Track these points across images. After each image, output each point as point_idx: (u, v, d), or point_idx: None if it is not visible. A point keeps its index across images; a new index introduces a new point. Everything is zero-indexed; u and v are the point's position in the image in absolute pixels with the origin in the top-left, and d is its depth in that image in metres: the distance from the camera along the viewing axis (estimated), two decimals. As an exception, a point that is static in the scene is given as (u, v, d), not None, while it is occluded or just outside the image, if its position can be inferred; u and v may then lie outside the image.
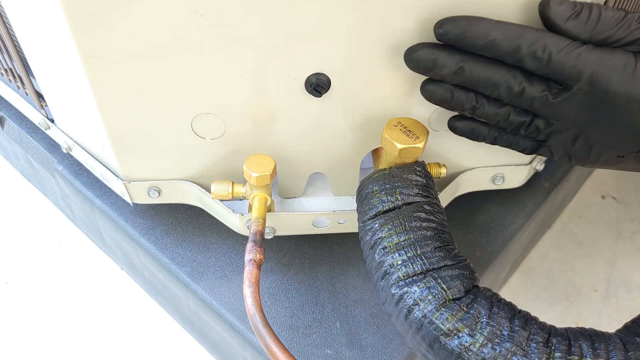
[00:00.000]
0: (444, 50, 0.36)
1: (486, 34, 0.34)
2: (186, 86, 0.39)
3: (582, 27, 0.34)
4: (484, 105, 0.38)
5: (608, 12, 0.34)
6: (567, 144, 0.39)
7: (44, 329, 0.62)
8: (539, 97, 0.36)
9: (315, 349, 0.47)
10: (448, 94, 0.38)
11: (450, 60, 0.36)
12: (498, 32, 0.34)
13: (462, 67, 0.36)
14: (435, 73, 0.37)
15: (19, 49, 0.48)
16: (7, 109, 0.65)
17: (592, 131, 0.37)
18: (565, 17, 0.34)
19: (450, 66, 0.36)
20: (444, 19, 0.35)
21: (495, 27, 0.34)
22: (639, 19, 0.34)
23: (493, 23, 0.35)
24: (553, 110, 0.37)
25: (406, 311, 0.35)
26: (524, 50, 0.34)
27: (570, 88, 0.35)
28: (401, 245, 0.37)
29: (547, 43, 0.34)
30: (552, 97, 0.36)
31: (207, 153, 0.45)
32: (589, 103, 0.36)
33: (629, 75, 0.34)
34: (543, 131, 0.39)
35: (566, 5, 0.34)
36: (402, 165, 0.41)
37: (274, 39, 0.36)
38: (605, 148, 0.38)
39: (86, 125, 0.46)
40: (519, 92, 0.36)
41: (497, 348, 0.33)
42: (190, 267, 0.52)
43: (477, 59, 0.36)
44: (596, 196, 0.77)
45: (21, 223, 0.71)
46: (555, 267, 0.69)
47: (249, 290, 0.38)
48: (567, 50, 0.34)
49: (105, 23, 0.35)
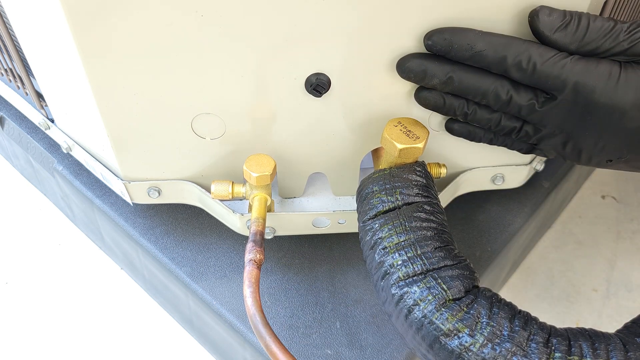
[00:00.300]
0: (434, 60, 0.37)
1: (472, 46, 0.35)
2: (186, 86, 0.39)
3: (570, 37, 0.35)
4: (476, 111, 0.39)
5: (597, 23, 0.34)
6: (558, 148, 0.40)
7: (44, 329, 0.62)
8: (525, 105, 0.37)
9: (315, 349, 0.47)
10: (440, 101, 0.39)
11: (440, 71, 0.37)
12: (484, 43, 0.35)
13: (451, 77, 0.37)
14: (426, 82, 0.38)
15: (19, 49, 0.48)
16: (7, 109, 0.65)
17: (579, 137, 0.38)
18: (554, 28, 0.34)
19: (439, 76, 0.37)
20: (432, 31, 0.36)
21: (481, 39, 0.35)
22: (628, 29, 0.34)
23: (479, 34, 0.35)
24: (540, 118, 0.38)
25: (406, 311, 0.35)
26: (509, 60, 0.35)
27: (556, 97, 0.36)
28: (401, 246, 0.37)
29: (532, 54, 0.35)
30: (538, 106, 0.37)
31: (207, 153, 0.45)
32: (575, 111, 0.37)
33: (612, 85, 0.35)
34: (533, 136, 0.40)
35: (555, 15, 0.34)
36: (402, 165, 0.41)
37: (274, 39, 0.36)
38: (594, 153, 0.39)
39: (86, 125, 0.46)
40: (506, 101, 0.37)
41: (497, 348, 0.33)
42: (190, 267, 0.52)
43: (466, 68, 0.37)
44: (596, 196, 0.77)
45: (21, 223, 0.71)
46: (555, 267, 0.69)
47: (249, 290, 0.38)
48: (552, 61, 0.35)
49: (105, 23, 0.35)
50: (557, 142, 0.39)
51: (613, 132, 0.37)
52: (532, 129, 0.39)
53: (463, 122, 0.42)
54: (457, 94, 0.38)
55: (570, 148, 0.39)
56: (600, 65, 0.35)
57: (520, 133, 0.40)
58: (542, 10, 0.35)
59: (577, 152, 0.40)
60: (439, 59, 0.37)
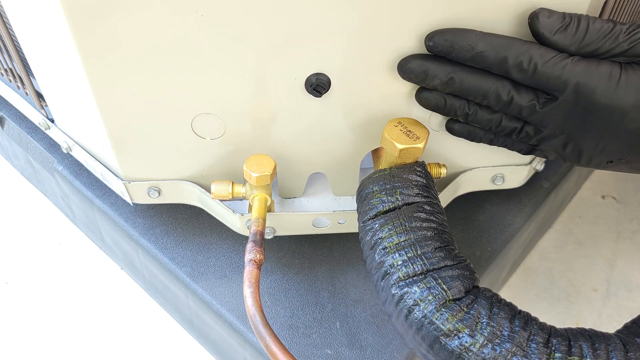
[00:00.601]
0: (435, 61, 0.37)
1: (473, 46, 0.35)
2: (186, 86, 0.39)
3: (569, 39, 0.35)
4: (477, 112, 0.39)
5: (596, 24, 0.34)
6: (558, 149, 0.40)
7: (44, 329, 0.62)
8: (526, 106, 0.37)
9: (315, 349, 0.47)
10: (441, 101, 0.39)
11: (441, 72, 0.37)
12: (485, 44, 0.35)
13: (452, 78, 0.37)
14: (427, 83, 0.38)
15: (19, 49, 0.48)
16: (7, 109, 0.65)
17: (580, 138, 0.38)
18: (554, 29, 0.35)
19: (440, 77, 0.37)
20: (434, 32, 0.36)
21: (482, 39, 0.35)
22: (627, 30, 0.34)
23: (480, 35, 0.36)
24: (541, 119, 0.38)
25: (406, 311, 0.35)
26: (510, 61, 0.35)
27: (557, 98, 0.36)
28: (401, 246, 0.37)
29: (533, 55, 0.35)
30: (539, 107, 0.37)
31: (207, 153, 0.45)
32: (575, 112, 0.37)
33: (613, 86, 0.35)
34: (533, 137, 0.40)
35: (555, 17, 0.35)
36: (402, 165, 0.41)
37: (274, 39, 0.36)
38: (595, 154, 0.39)
39: (86, 125, 0.46)
40: (507, 101, 0.37)
41: (498, 348, 0.33)
42: (190, 267, 0.52)
43: (467, 69, 0.37)
44: (596, 196, 0.77)
45: (21, 223, 0.71)
46: (555, 267, 0.69)
47: (249, 291, 0.38)
48: (552, 62, 0.35)
49: (105, 23, 0.35)
50: (558, 143, 0.39)
51: (614, 133, 0.37)
52: (533, 129, 0.39)
53: (463, 123, 0.42)
54: (458, 94, 0.38)
55: (570, 149, 0.40)
56: (600, 66, 0.35)
57: (520, 134, 0.40)
58: (541, 12, 0.35)
59: (578, 153, 0.40)
60: (440, 59, 0.37)
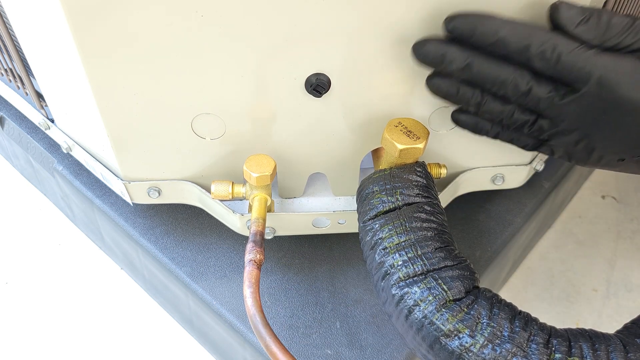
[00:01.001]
0: (453, 45, 0.36)
1: (496, 32, 0.34)
2: (186, 86, 0.39)
3: (592, 32, 0.34)
4: (489, 102, 0.38)
5: (617, 18, 0.34)
6: (569, 146, 0.39)
7: (44, 329, 0.62)
8: (545, 98, 0.36)
9: (315, 349, 0.47)
10: (453, 88, 0.38)
11: (459, 56, 0.36)
12: (508, 30, 0.34)
13: (470, 63, 0.36)
14: (443, 67, 0.37)
15: (19, 49, 0.48)
16: (7, 109, 0.65)
17: (595, 135, 0.38)
18: (576, 22, 0.34)
19: (458, 61, 0.36)
20: (455, 14, 0.35)
21: (505, 25, 0.35)
22: None
23: (503, 21, 0.35)
24: (558, 112, 0.37)
25: (407, 312, 0.35)
26: (533, 49, 0.34)
27: (578, 90, 0.35)
28: (402, 246, 0.37)
29: (557, 44, 0.34)
30: (558, 99, 0.36)
31: (207, 153, 0.45)
32: (596, 106, 0.36)
33: (637, 81, 0.34)
34: (546, 131, 0.39)
35: (576, 10, 0.34)
36: (403, 165, 0.41)
37: (274, 39, 0.36)
38: (607, 152, 0.38)
39: (86, 125, 0.46)
40: (525, 92, 0.36)
41: (498, 349, 0.33)
42: (190, 267, 0.52)
43: (486, 55, 0.36)
44: (596, 196, 0.77)
45: (21, 223, 0.71)
46: (555, 267, 0.69)
47: (249, 291, 0.38)
48: (576, 52, 0.34)
49: (105, 23, 0.35)
50: (571, 139, 0.38)
51: (632, 129, 0.36)
52: (548, 123, 0.38)
53: (471, 114, 0.41)
54: (473, 82, 0.37)
55: (582, 146, 0.39)
56: (624, 60, 0.34)
57: (533, 127, 0.39)
58: (562, 4, 0.34)
59: (589, 150, 0.39)
60: (458, 43, 0.36)
